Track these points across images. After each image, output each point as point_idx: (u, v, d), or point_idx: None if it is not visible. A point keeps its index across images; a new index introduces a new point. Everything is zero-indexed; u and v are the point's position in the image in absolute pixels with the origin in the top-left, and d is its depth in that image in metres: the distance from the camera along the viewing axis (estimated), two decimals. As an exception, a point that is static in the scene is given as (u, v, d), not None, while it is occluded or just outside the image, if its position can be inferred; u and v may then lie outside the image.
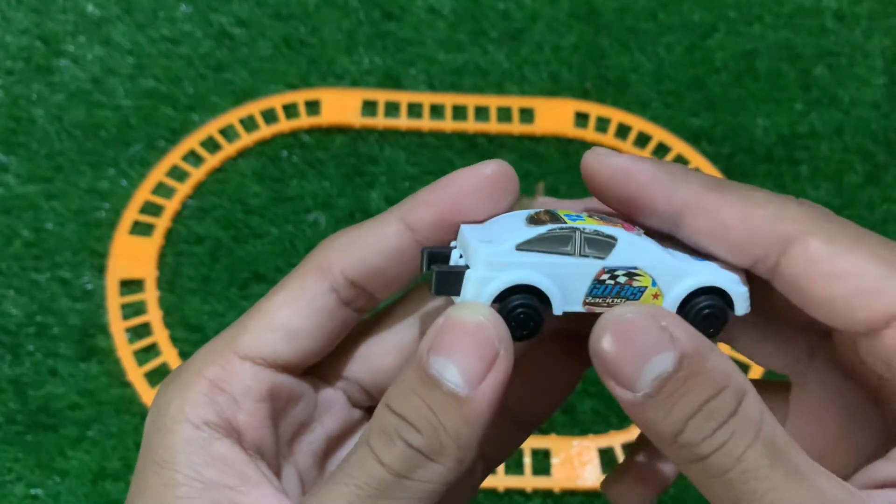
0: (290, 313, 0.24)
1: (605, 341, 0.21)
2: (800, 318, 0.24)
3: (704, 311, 0.23)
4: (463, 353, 0.21)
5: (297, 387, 0.25)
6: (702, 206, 0.22)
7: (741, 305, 0.23)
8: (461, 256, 0.23)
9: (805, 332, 0.25)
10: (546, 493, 0.57)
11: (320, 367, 0.26)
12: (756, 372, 0.57)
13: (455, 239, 0.24)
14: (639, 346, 0.20)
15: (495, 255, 0.22)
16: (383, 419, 0.21)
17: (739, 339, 0.26)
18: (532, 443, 0.58)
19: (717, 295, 0.23)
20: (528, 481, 0.57)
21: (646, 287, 0.22)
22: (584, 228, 0.22)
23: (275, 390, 0.24)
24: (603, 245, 0.22)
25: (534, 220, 0.23)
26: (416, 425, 0.21)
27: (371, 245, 0.24)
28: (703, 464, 0.20)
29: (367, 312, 0.26)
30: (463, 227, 0.23)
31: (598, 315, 0.22)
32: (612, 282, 0.22)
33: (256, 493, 0.23)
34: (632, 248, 0.22)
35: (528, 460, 0.57)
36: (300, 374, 0.25)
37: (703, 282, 0.23)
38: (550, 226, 0.22)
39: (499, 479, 0.57)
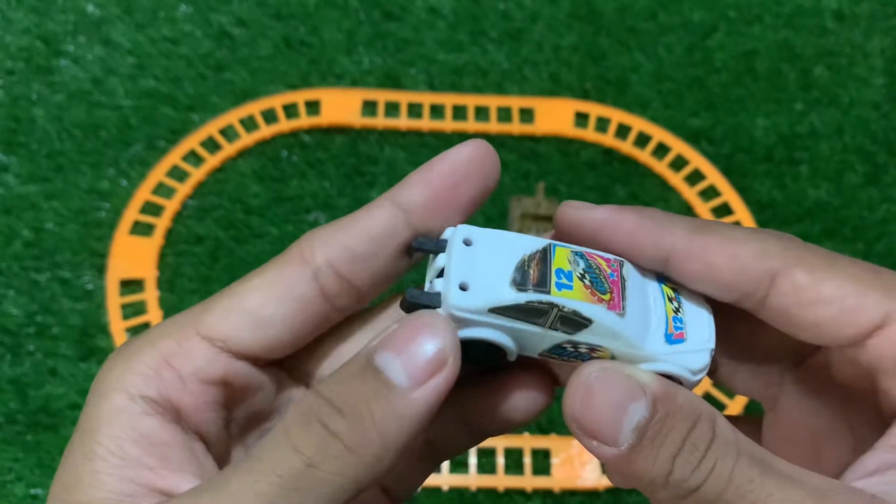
0: (263, 299, 0.23)
1: (578, 405, 0.21)
2: (770, 349, 0.26)
3: None
4: (412, 352, 0.20)
5: (256, 377, 0.24)
6: (690, 251, 0.23)
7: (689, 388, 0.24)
8: (440, 274, 0.23)
9: (775, 361, 0.27)
10: (546, 493, 0.57)
11: (290, 360, 0.25)
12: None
13: (449, 223, 0.24)
14: (611, 401, 0.21)
15: (465, 311, 0.22)
16: (307, 401, 0.21)
17: (718, 370, 0.27)
18: (532, 443, 0.58)
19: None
20: (528, 481, 0.57)
21: (604, 359, 0.23)
22: (563, 306, 0.22)
23: (229, 377, 0.23)
24: (576, 325, 0.22)
25: (521, 274, 0.22)
26: (340, 407, 0.20)
27: (359, 231, 0.23)
28: (696, 495, 0.21)
29: (348, 313, 0.25)
30: (458, 230, 0.23)
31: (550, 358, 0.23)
32: (572, 349, 0.23)
33: (175, 477, 0.22)
34: (603, 332, 0.22)
35: (528, 460, 0.57)
36: (263, 365, 0.24)
37: (659, 370, 0.23)
38: (530, 296, 0.22)
39: (499, 479, 0.57)
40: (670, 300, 0.24)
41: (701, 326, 0.24)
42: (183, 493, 0.21)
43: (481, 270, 0.22)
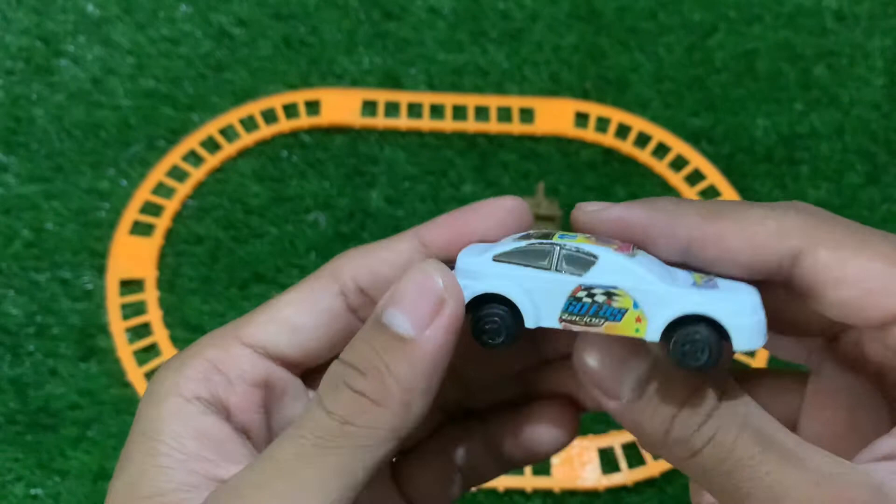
0: (296, 310, 0.25)
1: (585, 354, 0.22)
2: (808, 323, 0.25)
3: (685, 345, 0.21)
4: (411, 300, 0.22)
5: (293, 383, 0.26)
6: (706, 238, 0.23)
7: (741, 339, 0.21)
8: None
9: (813, 333, 0.26)
10: (546, 493, 0.57)
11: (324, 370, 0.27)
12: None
13: None
14: (616, 357, 0.22)
15: (470, 264, 0.23)
16: (332, 370, 0.22)
17: None
18: (532, 443, 0.58)
19: (712, 326, 0.21)
20: (528, 481, 0.57)
21: (626, 309, 0.22)
22: (565, 245, 0.22)
23: (270, 380, 0.25)
24: (582, 262, 0.22)
25: (524, 236, 0.23)
26: (359, 368, 0.22)
27: (383, 257, 0.25)
28: (697, 458, 0.21)
29: None
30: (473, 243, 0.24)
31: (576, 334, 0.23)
32: (589, 300, 0.22)
33: (232, 468, 0.23)
34: (613, 268, 0.22)
35: (528, 460, 0.57)
36: (299, 374, 0.26)
37: (688, 310, 0.21)
38: (533, 240, 0.22)
39: (499, 479, 0.56)
40: (700, 277, 0.23)
41: (739, 288, 0.23)
42: (238, 471, 0.23)
43: (495, 246, 0.24)
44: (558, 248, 0.22)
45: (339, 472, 0.21)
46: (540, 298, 0.22)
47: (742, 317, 0.21)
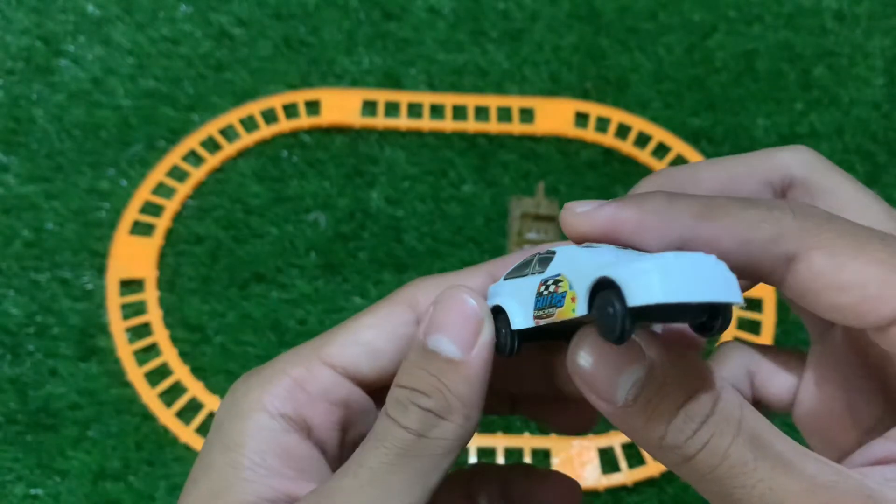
0: (375, 334, 0.27)
1: (580, 358, 0.22)
2: None
3: (597, 315, 0.21)
4: (454, 326, 0.24)
5: (368, 404, 0.28)
6: (698, 241, 0.23)
7: (631, 293, 0.19)
8: None
9: None
10: (546, 493, 0.57)
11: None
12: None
13: None
14: (611, 360, 0.22)
15: (493, 287, 0.26)
16: (396, 394, 0.24)
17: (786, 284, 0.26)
18: (532, 443, 0.58)
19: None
20: (528, 481, 0.57)
21: (566, 292, 0.22)
22: (542, 250, 0.24)
23: (349, 400, 0.27)
24: (546, 261, 0.24)
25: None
26: (424, 391, 0.24)
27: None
28: (691, 464, 0.22)
29: None
30: None
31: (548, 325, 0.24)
32: (546, 292, 0.23)
33: (309, 486, 0.25)
34: (562, 258, 0.23)
35: (528, 460, 0.57)
36: (373, 394, 0.28)
37: (596, 275, 0.21)
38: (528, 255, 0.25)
39: (499, 479, 0.57)
40: None
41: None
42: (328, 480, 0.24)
43: None
44: (537, 255, 0.24)
45: (419, 476, 0.24)
46: (525, 303, 0.24)
47: (634, 272, 0.20)
